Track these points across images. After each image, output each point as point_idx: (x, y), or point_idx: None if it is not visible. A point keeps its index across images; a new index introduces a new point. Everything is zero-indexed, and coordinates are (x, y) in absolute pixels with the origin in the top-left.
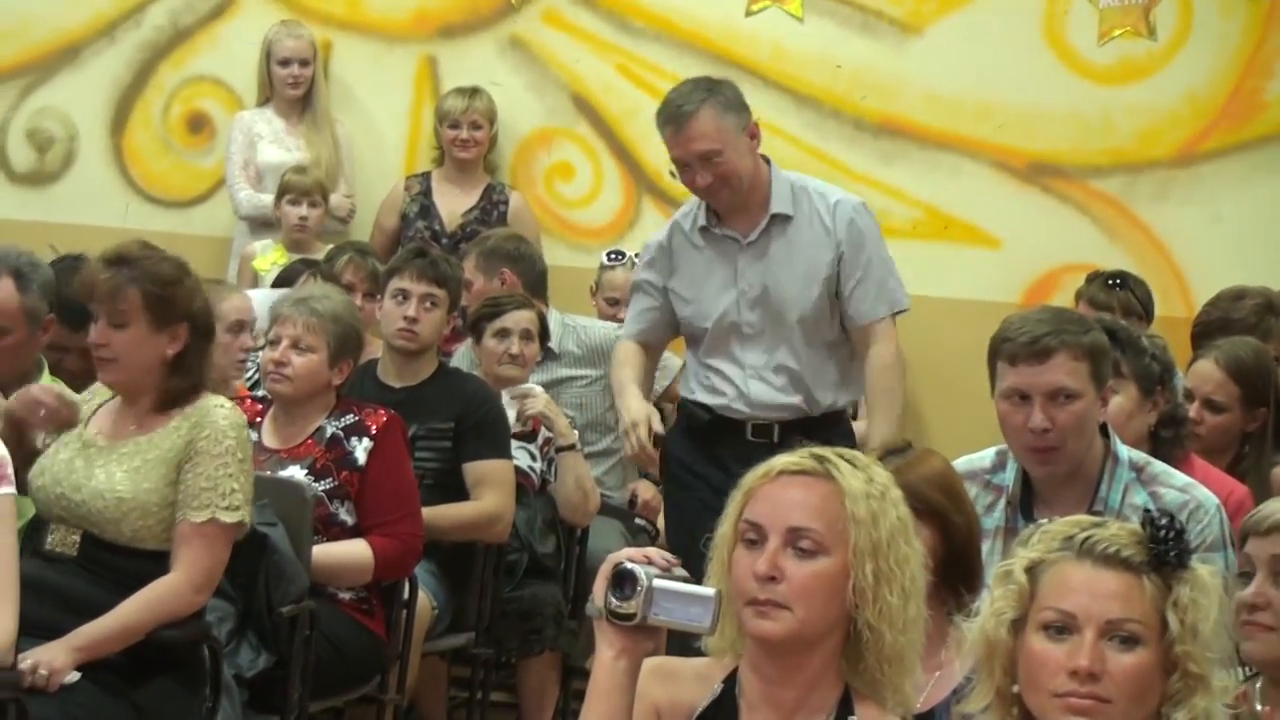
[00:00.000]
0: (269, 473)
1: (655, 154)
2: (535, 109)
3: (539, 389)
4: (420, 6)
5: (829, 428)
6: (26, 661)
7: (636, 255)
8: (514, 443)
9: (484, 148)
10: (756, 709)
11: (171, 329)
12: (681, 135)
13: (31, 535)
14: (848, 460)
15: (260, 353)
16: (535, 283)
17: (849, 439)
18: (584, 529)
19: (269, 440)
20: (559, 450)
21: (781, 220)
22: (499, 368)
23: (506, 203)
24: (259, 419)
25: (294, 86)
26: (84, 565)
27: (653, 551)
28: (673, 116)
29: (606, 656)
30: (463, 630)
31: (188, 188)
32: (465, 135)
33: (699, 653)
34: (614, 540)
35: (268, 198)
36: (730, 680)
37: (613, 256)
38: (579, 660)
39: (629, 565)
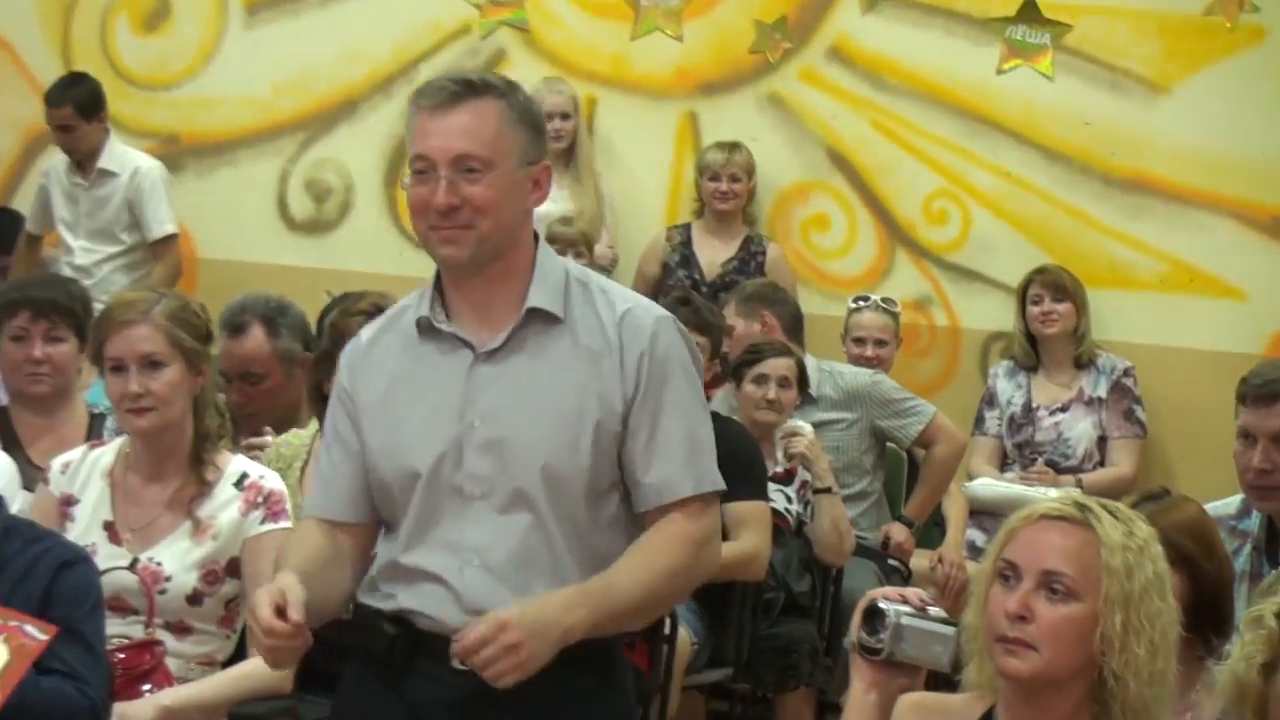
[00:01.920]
0: None
1: (909, 207)
2: (792, 163)
3: (808, 427)
4: (682, 65)
5: (598, 647)
6: None
7: (883, 299)
8: (771, 485)
9: (743, 200)
10: None
11: None
12: (442, 119)
13: None
14: (1110, 511)
15: None
16: (792, 325)
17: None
18: (839, 569)
19: None
20: (816, 492)
21: (543, 322)
22: (756, 412)
23: (764, 253)
24: None
25: (556, 140)
26: None
27: (909, 591)
28: (439, 94)
29: (858, 690)
30: (721, 665)
31: None
32: (725, 188)
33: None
34: (868, 580)
35: None
36: (987, 717)
37: (858, 300)
38: (834, 696)
39: (880, 603)
